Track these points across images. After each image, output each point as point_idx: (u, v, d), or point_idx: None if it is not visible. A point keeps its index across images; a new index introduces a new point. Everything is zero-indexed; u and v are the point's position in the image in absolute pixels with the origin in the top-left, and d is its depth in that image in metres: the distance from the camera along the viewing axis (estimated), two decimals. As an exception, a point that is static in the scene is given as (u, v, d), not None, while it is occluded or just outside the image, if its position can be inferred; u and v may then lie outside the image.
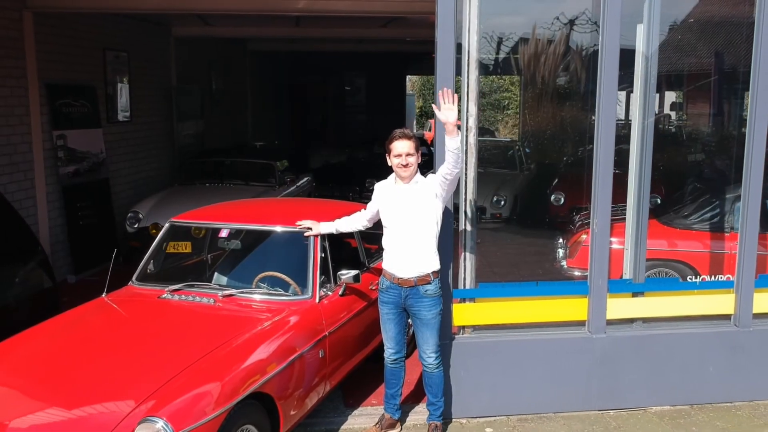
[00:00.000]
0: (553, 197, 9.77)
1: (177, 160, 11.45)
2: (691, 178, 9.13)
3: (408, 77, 25.10)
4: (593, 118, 5.07)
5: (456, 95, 4.21)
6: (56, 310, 6.67)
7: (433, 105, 4.35)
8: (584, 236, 6.50)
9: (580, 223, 7.51)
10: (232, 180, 9.96)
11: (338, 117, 20.28)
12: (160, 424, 3.28)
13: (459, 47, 4.72)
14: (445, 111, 4.13)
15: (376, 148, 14.89)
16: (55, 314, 6.42)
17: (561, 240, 7.52)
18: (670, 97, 15.43)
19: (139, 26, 10.24)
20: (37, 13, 7.75)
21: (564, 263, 7.20)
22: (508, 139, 16.75)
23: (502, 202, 10.28)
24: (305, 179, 11.33)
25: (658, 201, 9.14)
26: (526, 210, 10.60)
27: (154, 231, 8.35)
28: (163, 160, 11.23)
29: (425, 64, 14.04)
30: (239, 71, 15.52)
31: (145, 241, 8.39)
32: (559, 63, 10.03)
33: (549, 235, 8.20)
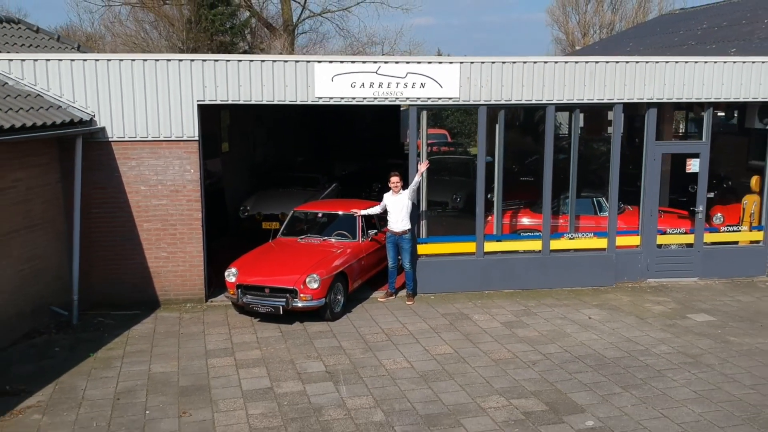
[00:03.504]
0: (489, 195, 16.08)
1: (254, 174, 17.99)
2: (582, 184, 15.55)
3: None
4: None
5: (426, 162, 10.86)
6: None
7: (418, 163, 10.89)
8: (489, 218, 13.07)
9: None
10: (295, 186, 16.49)
11: (350, 135, 26.34)
12: (315, 274, 9.89)
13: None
14: (420, 167, 10.77)
15: (379, 161, 21.26)
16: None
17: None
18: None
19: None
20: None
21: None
22: (468, 157, 22.85)
23: (458, 199, 16.62)
24: (334, 185, 17.80)
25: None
26: (474, 204, 16.85)
27: (258, 217, 14.93)
28: (246, 175, 17.80)
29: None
30: (285, 107, 21.92)
31: (252, 224, 15.01)
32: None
33: (485, 219, 14.66)
